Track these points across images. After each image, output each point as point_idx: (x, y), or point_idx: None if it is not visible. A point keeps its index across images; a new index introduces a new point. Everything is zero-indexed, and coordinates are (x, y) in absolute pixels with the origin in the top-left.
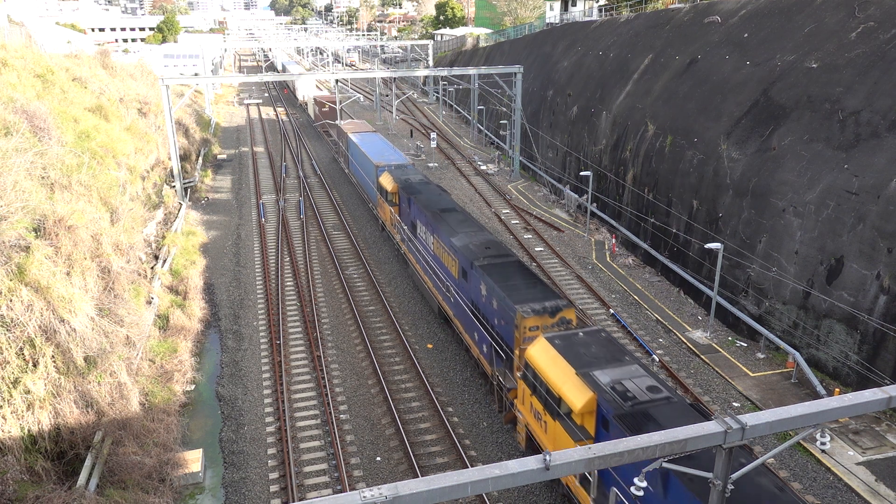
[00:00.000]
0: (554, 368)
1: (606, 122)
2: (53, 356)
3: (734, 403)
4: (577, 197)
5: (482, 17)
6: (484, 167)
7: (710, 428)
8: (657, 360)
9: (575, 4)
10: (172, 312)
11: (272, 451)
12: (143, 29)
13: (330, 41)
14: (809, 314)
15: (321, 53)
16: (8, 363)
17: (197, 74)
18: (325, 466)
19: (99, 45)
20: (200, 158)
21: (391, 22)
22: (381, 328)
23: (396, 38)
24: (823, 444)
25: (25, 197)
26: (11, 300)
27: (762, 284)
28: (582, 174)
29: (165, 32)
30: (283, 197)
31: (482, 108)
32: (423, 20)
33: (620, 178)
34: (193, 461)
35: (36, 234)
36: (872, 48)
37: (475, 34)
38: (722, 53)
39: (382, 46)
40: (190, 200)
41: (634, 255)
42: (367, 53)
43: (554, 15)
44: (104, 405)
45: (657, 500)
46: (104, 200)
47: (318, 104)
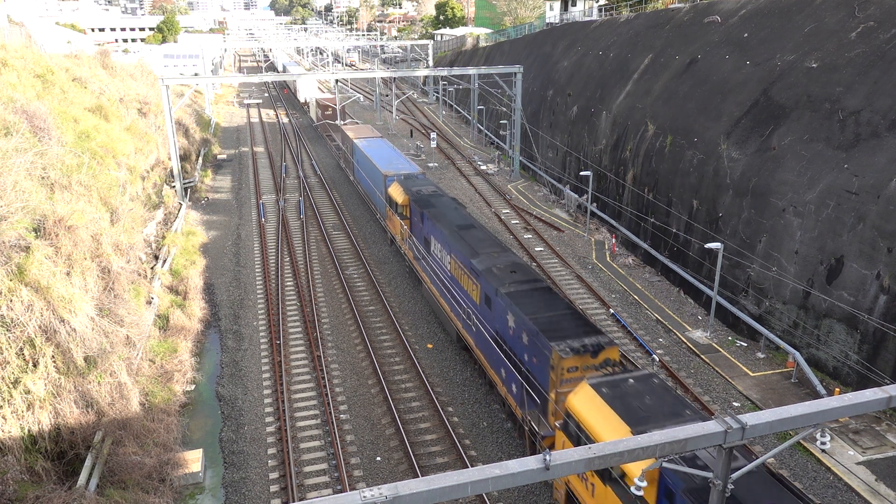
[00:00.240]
0: (603, 423)
1: (606, 121)
2: (53, 356)
3: (734, 403)
4: (577, 197)
5: (482, 17)
6: (484, 167)
7: (710, 428)
8: (657, 360)
9: (575, 4)
10: (172, 312)
11: (272, 451)
12: (142, 29)
13: (330, 41)
14: (809, 314)
15: (321, 53)
16: (8, 363)
17: (197, 74)
18: (325, 466)
19: (99, 45)
20: (200, 158)
21: (391, 22)
22: (381, 328)
23: (396, 38)
24: (823, 443)
25: (25, 197)
26: (11, 300)
27: (762, 284)
28: (582, 174)
29: (165, 32)
30: (283, 197)
31: (482, 108)
32: (422, 20)
33: (620, 177)
34: (193, 461)
35: (36, 234)
36: (872, 48)
37: (475, 34)
38: (722, 53)
39: (382, 46)
40: (190, 200)
41: (634, 254)
42: (366, 53)
43: (554, 15)
44: (104, 405)
45: None
46: (104, 200)
47: (320, 107)
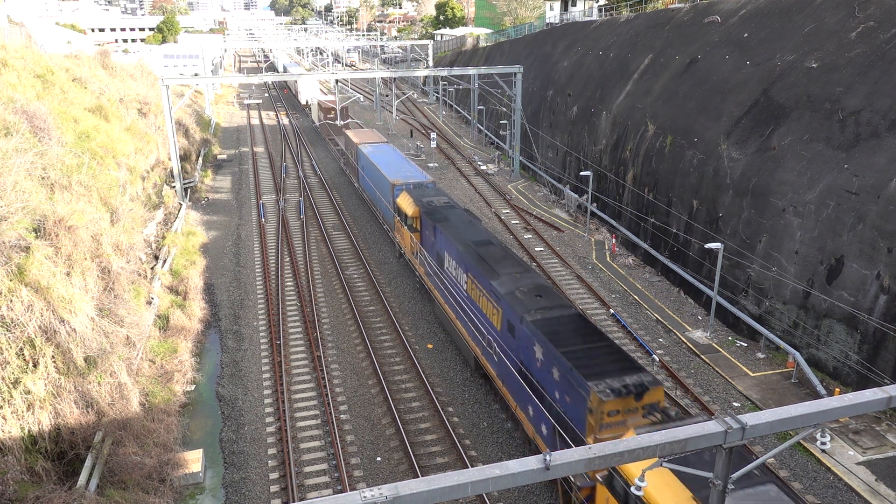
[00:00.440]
0: (657, 482)
1: (606, 121)
2: (53, 356)
3: (734, 403)
4: (577, 197)
5: (482, 17)
6: (484, 167)
7: (710, 428)
8: (657, 360)
9: (575, 4)
10: (172, 313)
11: (272, 451)
12: (142, 29)
13: (330, 41)
14: (809, 314)
15: (321, 54)
16: (8, 363)
17: (197, 75)
18: (325, 466)
19: (99, 45)
20: (200, 159)
21: (391, 22)
22: (381, 328)
23: (396, 38)
24: (824, 443)
25: (25, 197)
26: (11, 300)
27: (762, 284)
28: (582, 174)
29: (165, 33)
30: (283, 197)
31: (482, 108)
32: (422, 20)
33: (620, 177)
34: (194, 461)
35: (36, 234)
36: (872, 48)
37: (475, 34)
38: (722, 53)
39: (382, 46)
40: (190, 201)
41: (634, 254)
42: (366, 53)
43: (554, 15)
44: (104, 405)
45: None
46: (104, 201)
47: (322, 109)
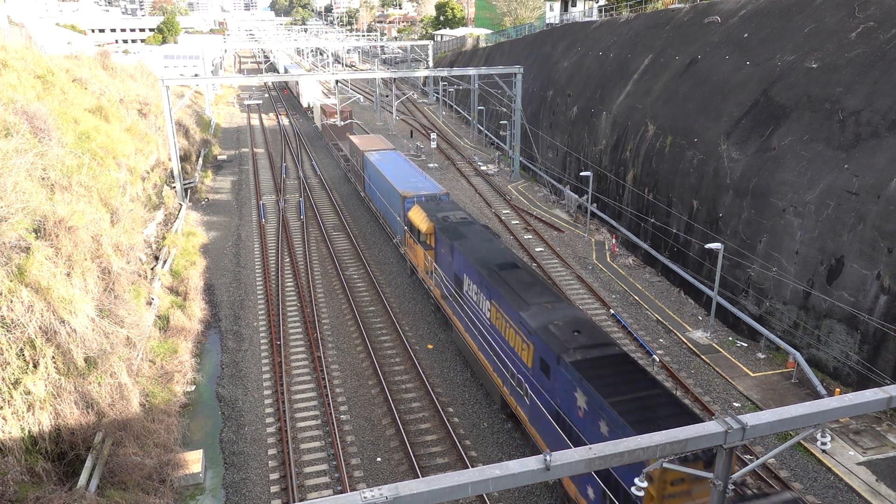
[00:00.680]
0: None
1: (606, 122)
2: (54, 357)
3: (735, 403)
4: (577, 197)
5: (482, 17)
6: (484, 168)
7: (710, 428)
8: (657, 360)
9: (575, 5)
10: (173, 313)
11: (273, 451)
12: (143, 30)
13: (330, 42)
14: (810, 314)
15: (321, 54)
16: (8, 364)
17: (197, 75)
18: (325, 467)
19: (99, 45)
20: (200, 159)
21: (391, 22)
22: (381, 328)
23: (396, 38)
24: (824, 444)
25: (26, 198)
26: (12, 301)
27: (762, 284)
28: (582, 174)
29: (165, 33)
30: (283, 197)
31: (482, 108)
32: (422, 21)
33: (620, 178)
34: (194, 462)
35: (36, 234)
36: (872, 48)
37: (475, 34)
38: (722, 53)
39: (382, 47)
40: (190, 201)
41: (635, 255)
42: (367, 54)
43: (554, 15)
44: (104, 406)
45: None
46: (104, 201)
47: (325, 113)
